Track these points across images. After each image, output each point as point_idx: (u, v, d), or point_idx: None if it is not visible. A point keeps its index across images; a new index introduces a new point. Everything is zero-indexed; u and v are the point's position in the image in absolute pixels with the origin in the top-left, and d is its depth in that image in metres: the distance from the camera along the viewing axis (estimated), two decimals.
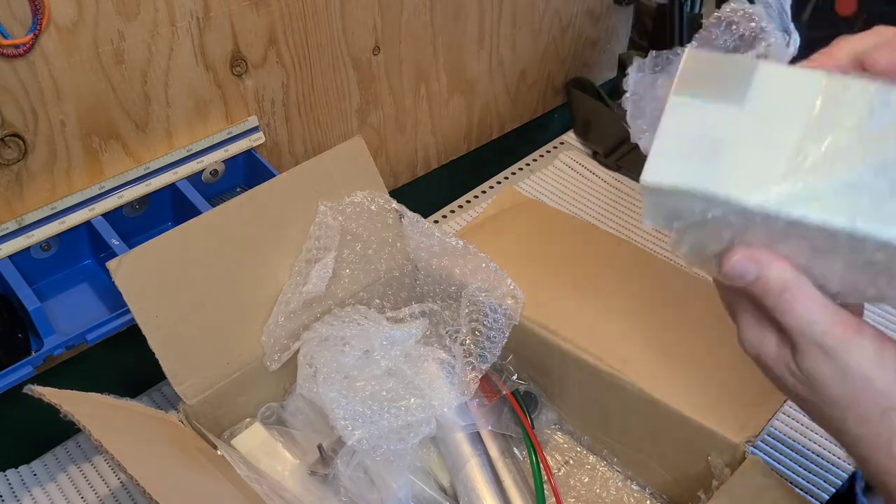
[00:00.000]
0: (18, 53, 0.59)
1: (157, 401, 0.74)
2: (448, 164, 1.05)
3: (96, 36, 0.63)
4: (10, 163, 0.63)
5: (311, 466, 0.62)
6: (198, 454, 0.57)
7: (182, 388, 0.60)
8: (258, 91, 0.77)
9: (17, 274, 0.64)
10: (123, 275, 0.58)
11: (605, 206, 0.97)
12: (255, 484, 0.56)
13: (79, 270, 0.71)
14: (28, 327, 0.64)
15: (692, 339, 0.64)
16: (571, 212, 0.96)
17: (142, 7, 0.65)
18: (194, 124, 0.74)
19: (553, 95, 1.14)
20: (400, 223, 0.71)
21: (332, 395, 0.59)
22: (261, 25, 0.73)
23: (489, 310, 0.64)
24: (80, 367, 0.73)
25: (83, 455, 0.69)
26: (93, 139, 0.67)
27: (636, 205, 0.96)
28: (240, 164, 0.78)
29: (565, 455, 0.69)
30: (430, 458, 0.64)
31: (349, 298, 0.68)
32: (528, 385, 0.68)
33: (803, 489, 0.66)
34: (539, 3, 1.01)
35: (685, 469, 0.61)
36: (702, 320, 0.65)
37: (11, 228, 0.65)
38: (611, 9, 1.14)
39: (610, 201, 0.98)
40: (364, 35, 0.83)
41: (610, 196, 0.99)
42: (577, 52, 1.13)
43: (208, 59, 0.71)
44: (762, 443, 0.70)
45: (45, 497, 0.66)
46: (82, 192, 0.68)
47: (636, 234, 0.93)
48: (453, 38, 0.93)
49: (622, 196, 0.98)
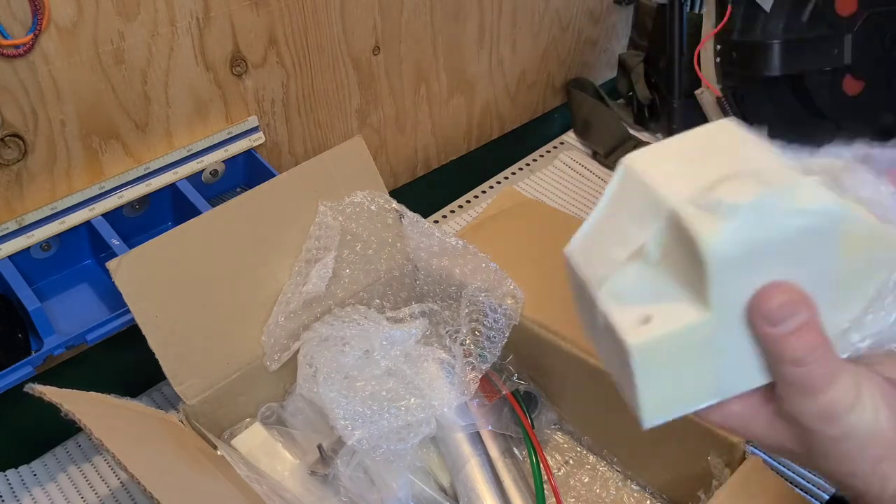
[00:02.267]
0: (18, 53, 0.59)
1: (157, 401, 0.74)
2: (448, 164, 1.05)
3: (96, 36, 0.63)
4: (11, 163, 0.63)
5: (311, 466, 0.62)
6: (198, 454, 0.57)
7: (182, 388, 0.60)
8: (258, 91, 0.77)
9: (17, 274, 0.64)
10: (123, 275, 0.58)
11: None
12: (256, 484, 0.56)
13: (79, 270, 0.71)
14: (28, 327, 0.64)
15: None
16: (571, 212, 0.96)
17: (142, 7, 0.65)
18: (194, 124, 0.74)
19: (553, 95, 1.14)
20: (400, 223, 0.71)
21: (332, 395, 0.59)
22: (261, 25, 0.73)
23: (489, 310, 0.64)
24: (80, 368, 0.73)
25: (83, 455, 0.69)
26: (93, 139, 0.67)
27: None
28: (240, 164, 0.78)
29: (565, 455, 0.69)
30: (430, 458, 0.64)
31: (349, 298, 0.68)
32: (528, 385, 0.68)
33: (803, 489, 0.66)
34: (539, 3, 1.01)
35: (685, 469, 0.61)
36: None
37: (11, 228, 0.65)
38: (611, 9, 1.14)
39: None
40: (364, 35, 0.83)
41: None
42: (577, 52, 1.13)
43: (208, 59, 0.71)
44: None
45: (45, 497, 0.66)
46: (82, 192, 0.68)
47: None
48: (453, 38, 0.93)
49: None
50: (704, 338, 0.33)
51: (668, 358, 0.34)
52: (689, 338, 0.33)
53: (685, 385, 0.35)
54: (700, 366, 0.34)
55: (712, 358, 0.34)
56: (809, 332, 0.33)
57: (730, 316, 0.33)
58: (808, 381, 0.34)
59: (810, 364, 0.33)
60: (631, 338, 0.33)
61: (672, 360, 0.34)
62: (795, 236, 0.32)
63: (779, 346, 0.33)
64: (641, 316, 0.34)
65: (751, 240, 0.31)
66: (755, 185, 0.32)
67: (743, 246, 0.31)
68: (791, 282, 0.33)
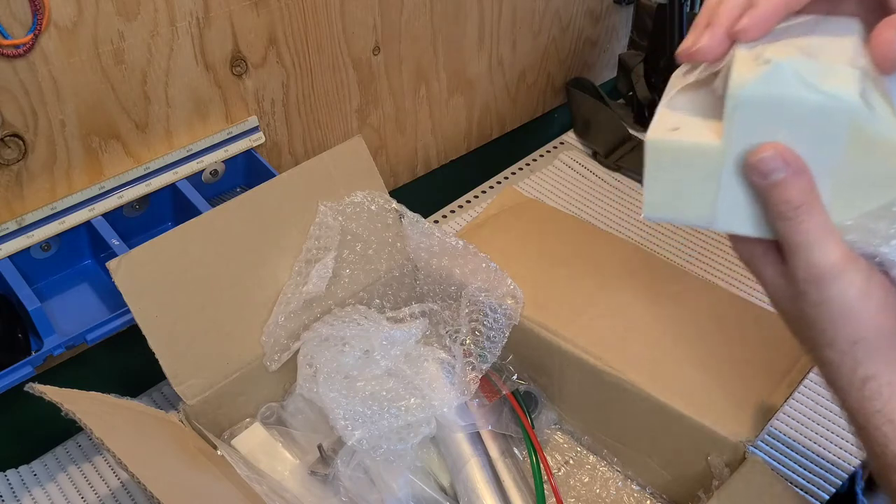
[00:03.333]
0: (18, 53, 0.59)
1: (157, 401, 0.74)
2: (448, 164, 1.04)
3: (96, 36, 0.63)
4: (10, 163, 0.63)
5: (312, 466, 0.62)
6: (198, 454, 0.57)
7: (182, 388, 0.60)
8: (258, 91, 0.77)
9: (17, 274, 0.64)
10: (123, 275, 0.58)
11: (605, 206, 0.97)
12: (256, 484, 0.56)
13: (79, 270, 0.71)
14: (28, 327, 0.64)
15: (692, 338, 0.64)
16: (571, 212, 0.96)
17: (142, 7, 0.65)
18: (194, 124, 0.74)
19: (553, 95, 1.14)
20: (400, 223, 0.71)
21: (332, 395, 0.59)
22: (261, 25, 0.73)
23: (489, 310, 0.64)
24: (80, 368, 0.73)
25: (83, 455, 0.69)
26: (93, 139, 0.67)
27: (636, 204, 0.96)
28: (240, 164, 0.78)
29: (565, 455, 0.69)
30: (430, 458, 0.64)
31: (349, 298, 0.68)
32: (528, 385, 0.68)
33: (803, 489, 0.66)
34: (539, 2, 1.01)
35: (685, 469, 0.61)
36: (702, 320, 0.65)
37: (11, 228, 0.65)
38: (611, 8, 1.14)
39: (610, 201, 0.98)
40: (364, 35, 0.83)
41: (610, 196, 0.99)
42: (577, 52, 1.13)
43: (208, 59, 0.71)
44: (762, 443, 0.70)
45: (45, 497, 0.66)
46: (82, 192, 0.68)
47: (636, 233, 0.93)
48: (453, 38, 0.93)
49: (622, 196, 0.98)
50: (711, 162, 0.37)
51: (676, 164, 0.38)
52: (698, 156, 0.38)
53: (686, 196, 0.39)
54: (703, 187, 0.38)
55: (715, 186, 0.38)
56: (794, 187, 0.36)
57: (736, 157, 0.37)
58: (793, 237, 0.37)
59: (795, 221, 0.36)
60: (651, 134, 0.38)
61: (679, 168, 0.38)
62: (808, 111, 0.35)
63: (766, 197, 0.37)
64: (675, 124, 0.38)
65: (770, 94, 0.35)
66: (803, 55, 0.35)
67: (762, 95, 0.35)
68: (789, 147, 0.36)
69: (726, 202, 0.38)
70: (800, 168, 0.36)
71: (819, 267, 0.37)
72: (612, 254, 0.73)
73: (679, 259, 0.89)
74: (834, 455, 0.69)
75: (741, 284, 0.84)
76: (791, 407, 0.72)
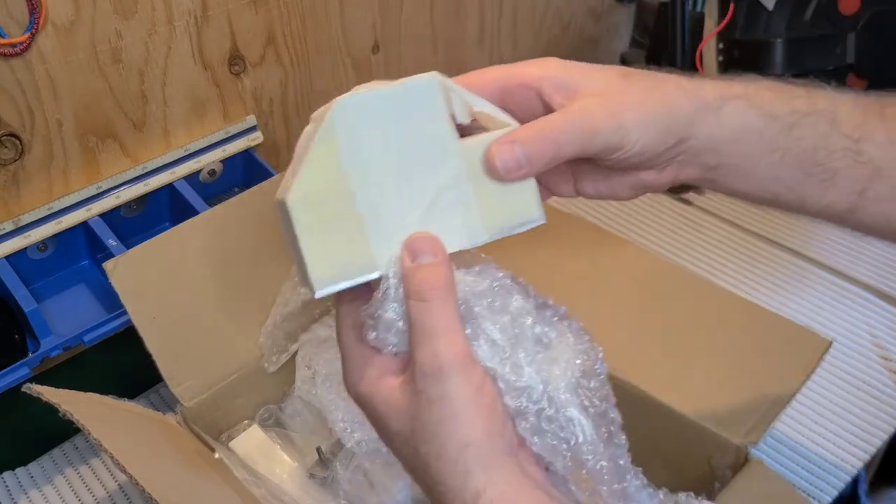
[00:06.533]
0: (15, 52, 0.59)
1: (155, 402, 0.73)
2: None
3: (93, 35, 0.63)
4: (7, 163, 0.63)
5: (310, 469, 0.62)
6: (196, 456, 0.57)
7: (179, 390, 0.60)
8: (256, 90, 0.76)
9: (13, 275, 0.64)
10: (120, 276, 0.58)
11: (605, 206, 0.97)
12: (254, 487, 0.56)
13: (76, 271, 0.71)
14: (25, 329, 0.64)
15: (693, 339, 0.63)
16: (571, 212, 0.95)
17: (139, 6, 0.64)
18: (192, 124, 0.73)
19: None
20: None
21: (330, 397, 0.59)
22: (259, 24, 0.73)
23: None
24: (76, 369, 0.72)
25: (80, 457, 0.69)
26: (90, 139, 0.67)
27: (636, 204, 0.96)
28: (238, 164, 0.78)
29: None
30: None
31: None
32: None
33: (806, 491, 0.66)
34: (540, 1, 1.00)
35: (687, 471, 0.61)
36: (703, 321, 0.64)
37: (8, 229, 0.64)
38: (612, 7, 1.13)
39: (610, 201, 0.97)
40: (364, 34, 0.83)
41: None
42: (578, 51, 1.12)
43: (206, 57, 0.71)
44: (765, 444, 0.69)
45: (42, 500, 0.66)
46: (79, 192, 0.67)
47: (637, 233, 0.92)
48: (453, 37, 0.93)
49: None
50: (347, 196, 0.37)
51: (321, 214, 0.38)
52: (333, 195, 0.38)
53: (343, 251, 0.37)
54: (350, 232, 0.37)
55: (362, 227, 0.37)
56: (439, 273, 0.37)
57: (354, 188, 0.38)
58: (425, 320, 0.36)
59: (431, 304, 0.36)
60: (288, 195, 0.38)
61: (325, 218, 0.38)
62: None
63: (409, 279, 0.37)
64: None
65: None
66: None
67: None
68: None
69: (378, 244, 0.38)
70: (445, 258, 0.37)
71: (442, 357, 0.35)
72: (613, 254, 0.72)
73: (679, 260, 0.88)
74: (837, 457, 0.69)
75: (743, 286, 0.84)
76: (793, 409, 0.72)
